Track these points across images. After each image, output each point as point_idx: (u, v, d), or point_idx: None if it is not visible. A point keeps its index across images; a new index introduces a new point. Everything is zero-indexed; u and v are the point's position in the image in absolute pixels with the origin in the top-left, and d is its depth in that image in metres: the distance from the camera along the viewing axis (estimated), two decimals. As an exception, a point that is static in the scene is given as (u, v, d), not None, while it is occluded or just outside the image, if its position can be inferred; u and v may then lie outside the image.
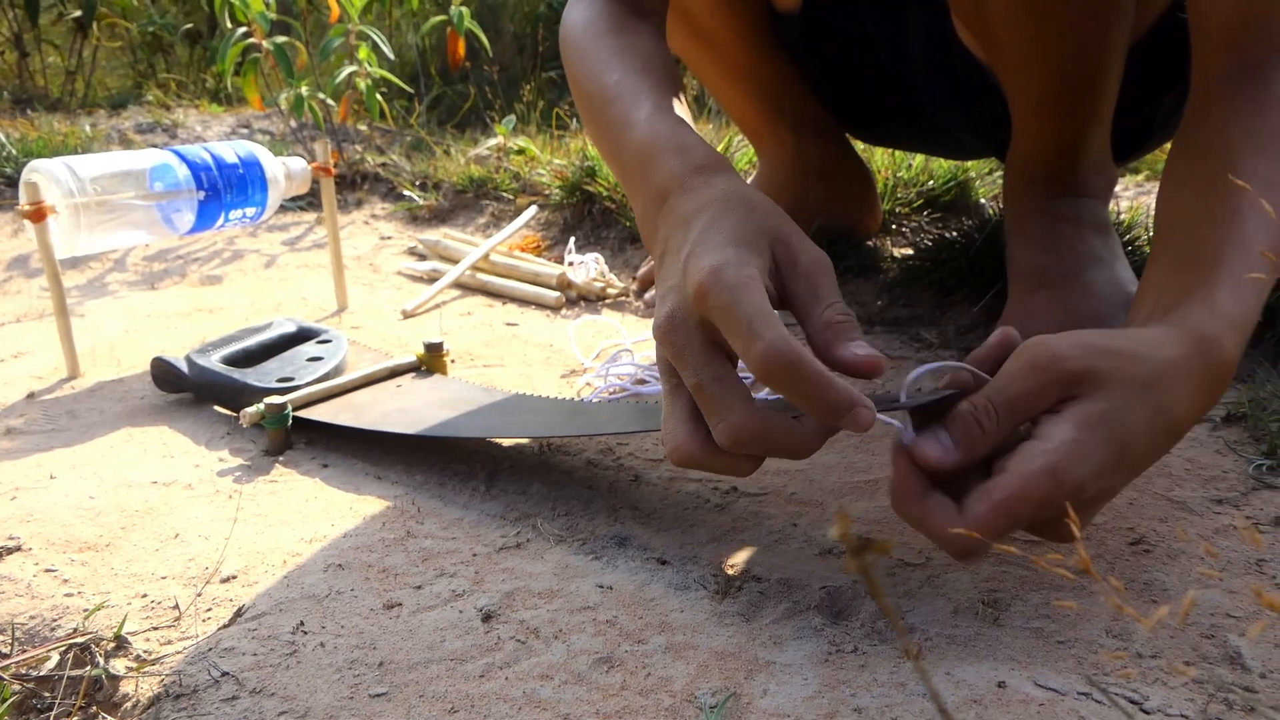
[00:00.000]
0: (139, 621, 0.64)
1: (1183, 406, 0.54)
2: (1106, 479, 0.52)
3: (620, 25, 0.82)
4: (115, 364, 1.13)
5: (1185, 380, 0.54)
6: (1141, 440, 0.53)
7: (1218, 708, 0.51)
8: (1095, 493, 0.52)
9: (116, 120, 2.53)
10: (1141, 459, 0.54)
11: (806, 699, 0.53)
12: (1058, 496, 0.50)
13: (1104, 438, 0.51)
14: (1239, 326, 0.57)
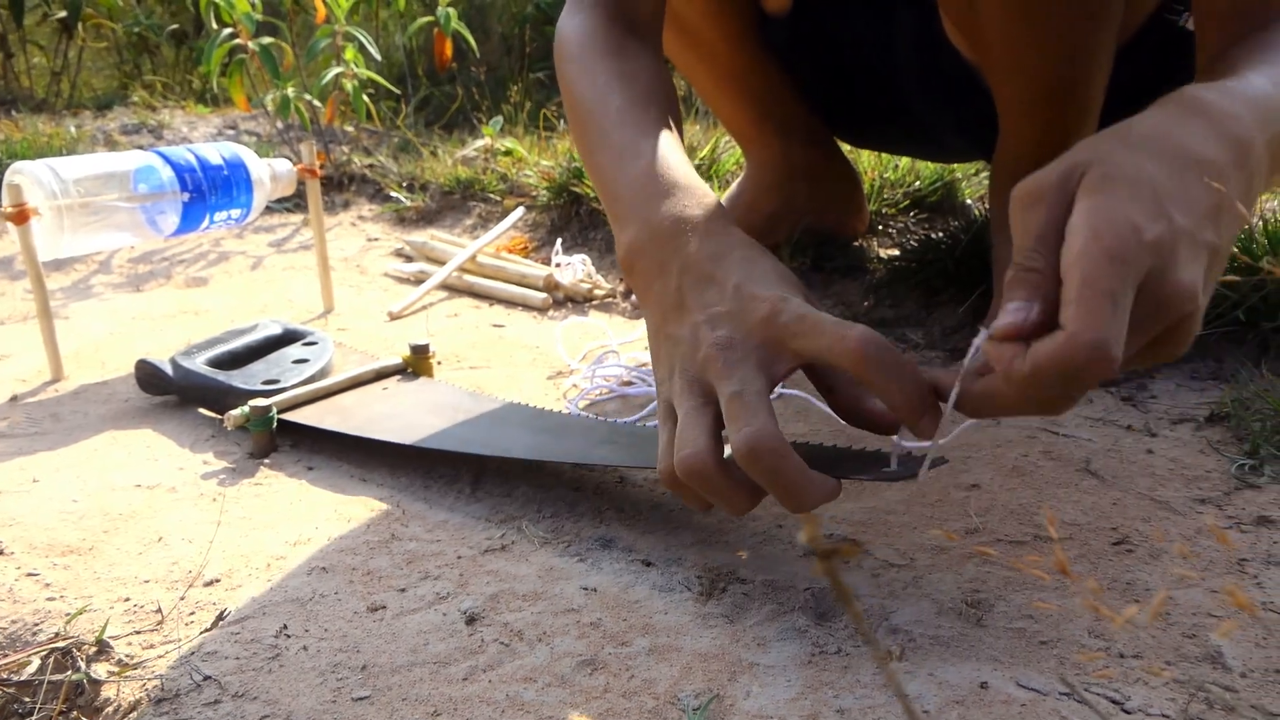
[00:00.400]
0: (121, 625, 0.64)
1: (1196, 142, 0.52)
2: (1153, 209, 0.48)
3: (620, 47, 0.82)
4: (99, 366, 1.12)
5: (1182, 125, 0.52)
6: (1161, 174, 0.50)
7: (1198, 707, 0.51)
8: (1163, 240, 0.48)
9: (102, 121, 2.52)
10: (1177, 189, 0.50)
11: (789, 700, 0.53)
12: (1123, 252, 0.47)
13: (1118, 185, 0.49)
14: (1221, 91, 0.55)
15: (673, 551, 0.70)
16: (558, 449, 0.79)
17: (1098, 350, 0.46)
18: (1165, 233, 0.48)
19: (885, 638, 0.58)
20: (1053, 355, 0.47)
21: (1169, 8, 0.89)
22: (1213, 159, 0.51)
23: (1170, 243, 0.48)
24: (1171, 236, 0.48)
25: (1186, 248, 0.49)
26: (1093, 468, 0.78)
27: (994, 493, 0.75)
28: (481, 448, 0.80)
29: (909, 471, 0.58)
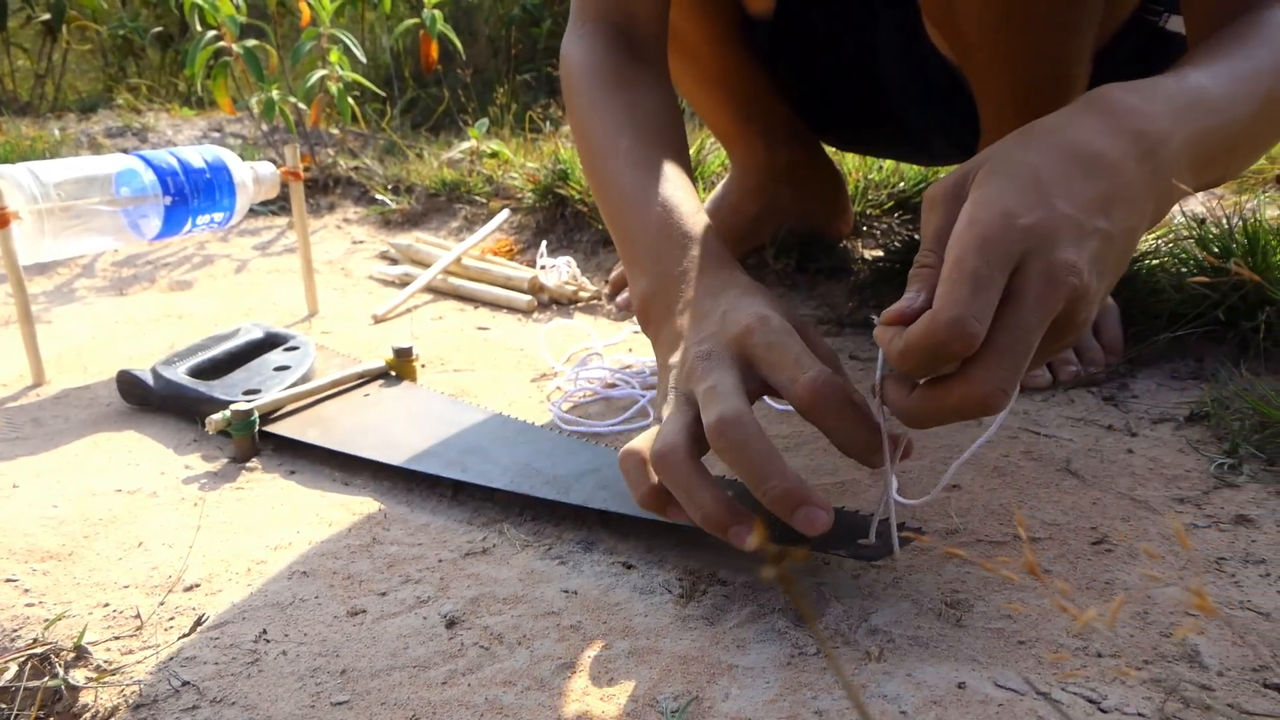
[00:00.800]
0: (100, 631, 0.63)
1: (1088, 137, 0.55)
2: (1033, 197, 0.52)
3: (625, 77, 0.84)
4: (82, 371, 1.12)
5: (1077, 121, 0.56)
6: (1051, 167, 0.53)
7: (1174, 706, 0.51)
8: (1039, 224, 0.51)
9: (86, 124, 2.51)
10: (1065, 180, 0.53)
11: (767, 702, 0.53)
12: (992, 235, 0.50)
13: (1001, 177, 0.53)
14: (1139, 87, 0.58)
15: (654, 554, 0.70)
16: (540, 480, 0.78)
17: (955, 325, 0.49)
18: (1043, 218, 0.51)
19: (865, 638, 0.58)
20: (917, 331, 0.51)
21: (1148, 8, 0.89)
22: (1104, 152, 0.54)
23: (1049, 227, 0.51)
24: (1051, 221, 0.51)
25: (1069, 231, 0.52)
26: (1073, 467, 0.79)
27: (975, 493, 0.75)
28: (463, 472, 0.80)
29: (886, 549, 0.61)
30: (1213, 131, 0.60)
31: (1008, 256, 0.50)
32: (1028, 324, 0.51)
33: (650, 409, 0.95)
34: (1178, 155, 0.57)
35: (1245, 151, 0.67)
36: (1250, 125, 0.63)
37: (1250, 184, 1.49)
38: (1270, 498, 0.73)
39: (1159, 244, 1.12)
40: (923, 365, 0.52)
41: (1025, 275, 0.51)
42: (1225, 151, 0.62)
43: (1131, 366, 0.97)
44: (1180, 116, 0.57)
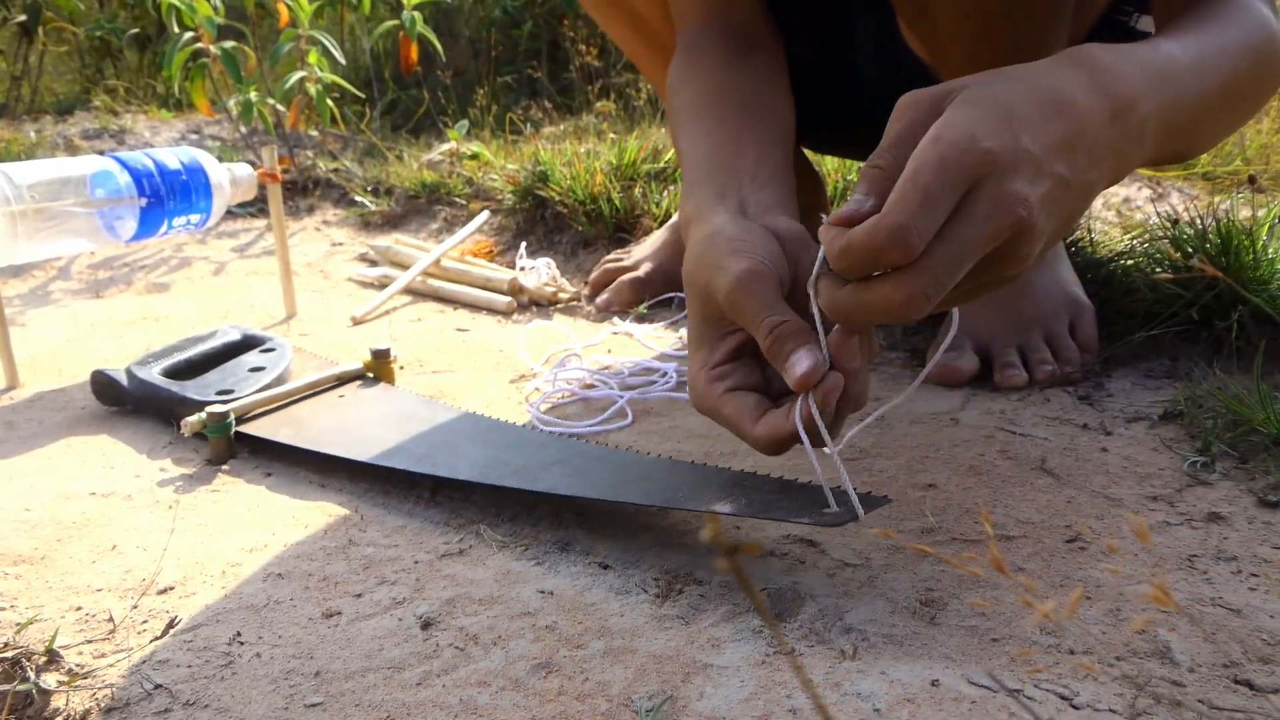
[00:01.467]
0: (72, 635, 0.63)
1: (1066, 85, 0.56)
2: (1000, 125, 0.53)
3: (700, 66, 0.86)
4: (56, 374, 1.11)
5: (1057, 70, 0.57)
6: (1024, 106, 0.54)
7: (1146, 702, 0.52)
8: (999, 151, 0.52)
9: (63, 126, 2.50)
10: (1036, 120, 0.54)
11: (742, 701, 0.53)
12: (952, 156, 0.51)
13: (975, 104, 0.54)
14: (1119, 52, 0.59)
15: (631, 554, 0.70)
16: (507, 470, 0.78)
17: (897, 231, 0.51)
18: (1005, 146, 0.52)
19: (839, 637, 0.59)
20: (860, 232, 0.52)
21: (1119, 9, 0.90)
22: (1080, 103, 0.56)
23: (1009, 157, 0.52)
24: (1012, 152, 0.52)
25: (1027, 166, 0.53)
26: (1048, 466, 0.79)
27: (950, 492, 0.76)
28: (433, 466, 0.80)
29: (849, 515, 0.60)
30: (1180, 103, 0.62)
31: (962, 178, 0.52)
32: (965, 240, 0.52)
33: (628, 410, 0.95)
34: (1145, 121, 0.58)
35: (1209, 128, 0.69)
36: (1214, 101, 0.65)
37: (1225, 185, 1.50)
38: (1242, 495, 0.73)
39: (1134, 244, 1.13)
40: (858, 266, 0.53)
41: (975, 197, 0.52)
42: (1190, 124, 0.64)
43: (1107, 366, 0.97)
44: (1152, 84, 0.59)
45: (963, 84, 0.56)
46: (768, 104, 0.82)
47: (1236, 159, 1.58)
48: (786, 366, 0.59)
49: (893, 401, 0.65)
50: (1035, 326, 0.97)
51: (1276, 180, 1.49)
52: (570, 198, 1.53)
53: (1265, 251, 0.96)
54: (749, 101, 0.81)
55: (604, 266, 1.36)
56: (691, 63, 0.87)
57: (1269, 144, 1.62)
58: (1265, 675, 0.53)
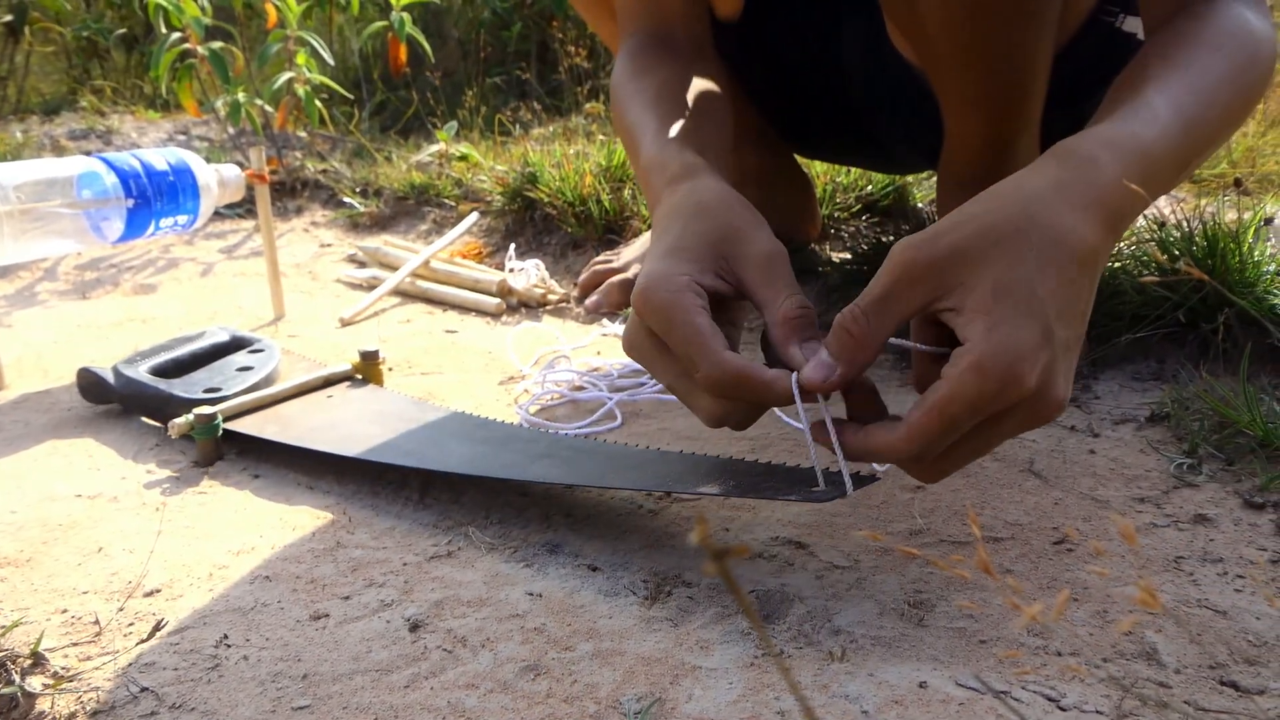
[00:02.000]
0: (58, 637, 0.63)
1: (1074, 228, 0.53)
2: (1040, 341, 0.50)
3: (645, 67, 0.87)
4: (42, 375, 1.11)
5: (1062, 201, 0.53)
6: (1050, 283, 0.51)
7: (1132, 703, 0.52)
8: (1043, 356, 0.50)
9: (49, 126, 2.49)
10: (1064, 299, 0.52)
11: (730, 703, 0.53)
12: (992, 391, 0.50)
13: (1010, 308, 0.50)
14: (1117, 144, 0.56)
15: (619, 556, 0.70)
16: (496, 463, 0.78)
17: (911, 460, 0.54)
18: (1044, 370, 0.51)
19: (828, 639, 0.59)
20: (877, 445, 0.54)
21: (1105, 9, 0.91)
22: (1090, 243, 0.53)
23: (1049, 372, 0.51)
24: (1053, 367, 0.51)
25: (1064, 365, 0.53)
26: (1036, 468, 0.79)
27: (938, 494, 0.76)
28: (420, 461, 0.80)
29: (838, 491, 0.59)
30: (1173, 164, 0.60)
31: (997, 404, 0.51)
32: (994, 443, 0.54)
33: (617, 412, 0.95)
34: (1135, 211, 0.57)
35: (1195, 166, 0.68)
36: (1207, 141, 0.64)
37: (1211, 188, 1.51)
38: (1228, 497, 0.73)
39: (1121, 247, 1.13)
40: (868, 458, 0.56)
41: (1014, 413, 0.52)
42: (1176, 171, 0.62)
43: (1094, 368, 0.98)
44: (1148, 176, 0.57)
45: (969, 259, 0.52)
46: (717, 100, 0.83)
47: (1223, 162, 1.58)
48: (794, 352, 0.58)
49: None
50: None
51: (1262, 183, 1.50)
52: (559, 199, 1.53)
53: (1251, 254, 0.96)
54: (700, 96, 0.82)
55: (593, 268, 1.36)
56: (644, 62, 0.87)
57: (1255, 147, 1.63)
58: (1251, 677, 0.54)
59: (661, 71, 0.86)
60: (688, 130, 0.77)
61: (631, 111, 0.82)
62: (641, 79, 0.85)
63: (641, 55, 0.89)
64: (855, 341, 0.54)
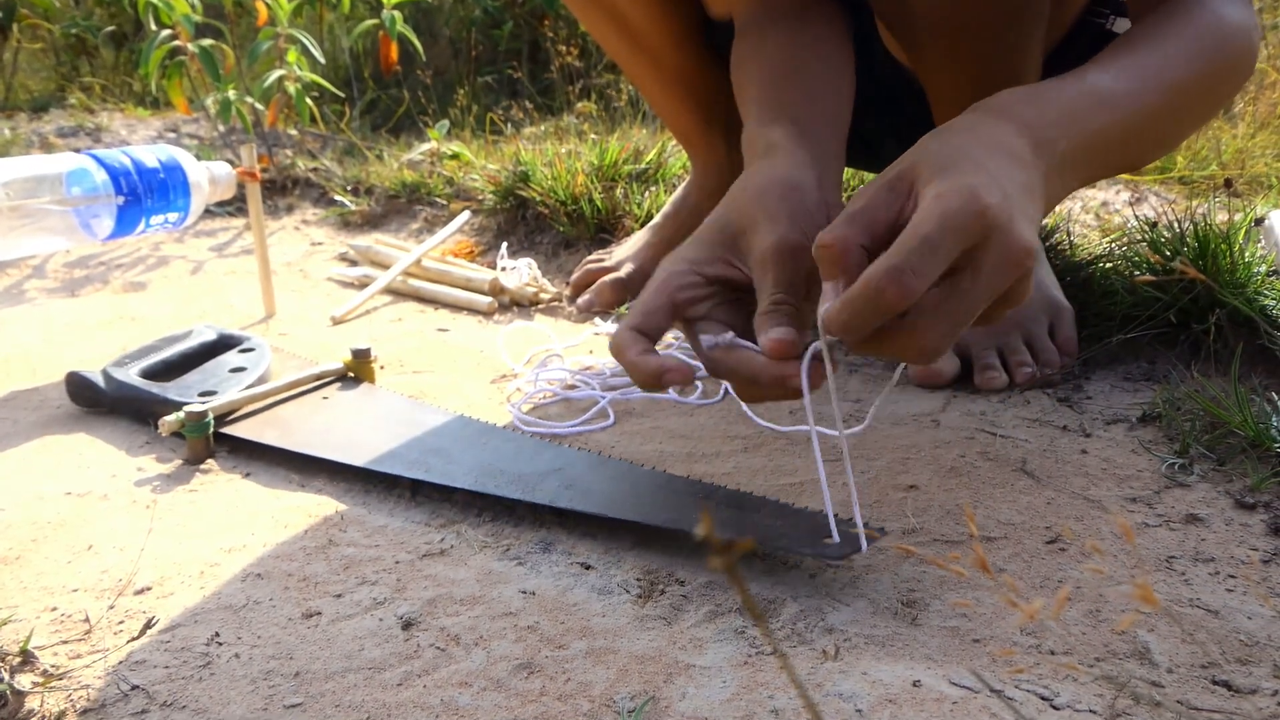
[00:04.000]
0: (47, 635, 0.62)
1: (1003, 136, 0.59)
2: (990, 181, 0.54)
3: (753, 47, 0.88)
4: (31, 373, 1.10)
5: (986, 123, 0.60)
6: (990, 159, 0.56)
7: (1125, 702, 0.52)
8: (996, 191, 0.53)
9: (38, 124, 2.47)
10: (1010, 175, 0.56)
11: (724, 701, 0.53)
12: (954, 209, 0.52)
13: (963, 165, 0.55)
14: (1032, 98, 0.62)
15: (612, 554, 0.70)
16: (504, 479, 0.77)
17: (891, 273, 0.51)
18: (1001, 202, 0.54)
19: (821, 637, 0.59)
20: (856, 284, 0.53)
21: (1095, 11, 0.91)
22: (1018, 149, 0.58)
23: (1007, 212, 0.54)
24: (1008, 207, 0.54)
25: (1022, 216, 0.55)
26: (1028, 468, 0.79)
27: (932, 493, 0.76)
28: (424, 472, 0.79)
29: (852, 547, 0.62)
30: (1109, 127, 0.64)
31: (965, 232, 0.52)
32: (977, 295, 0.54)
33: (610, 411, 0.95)
34: (1065, 158, 0.61)
35: (1154, 139, 0.71)
36: (1154, 115, 0.67)
37: (1201, 189, 1.51)
38: (1220, 497, 0.74)
39: (1112, 247, 1.13)
40: (860, 317, 0.54)
41: (985, 251, 0.53)
42: (1128, 140, 0.66)
43: (1086, 368, 0.98)
44: (1067, 123, 0.62)
45: (917, 157, 0.57)
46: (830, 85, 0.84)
47: (1213, 163, 1.59)
48: (768, 334, 0.60)
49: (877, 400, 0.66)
50: (1015, 329, 0.98)
51: (1252, 185, 1.50)
52: (551, 198, 1.53)
53: (1242, 255, 0.96)
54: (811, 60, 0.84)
55: (585, 267, 1.36)
56: (750, 43, 0.88)
57: (1244, 148, 1.64)
58: (1243, 676, 0.54)
59: (767, 47, 0.86)
60: (782, 103, 0.78)
61: (742, 92, 0.84)
62: (750, 61, 0.86)
63: (752, 31, 0.89)
64: (829, 251, 0.55)
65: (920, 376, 0.96)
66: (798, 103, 0.78)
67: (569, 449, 0.82)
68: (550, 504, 0.73)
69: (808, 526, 0.66)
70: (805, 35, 0.86)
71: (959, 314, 0.54)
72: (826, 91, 0.82)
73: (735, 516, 0.69)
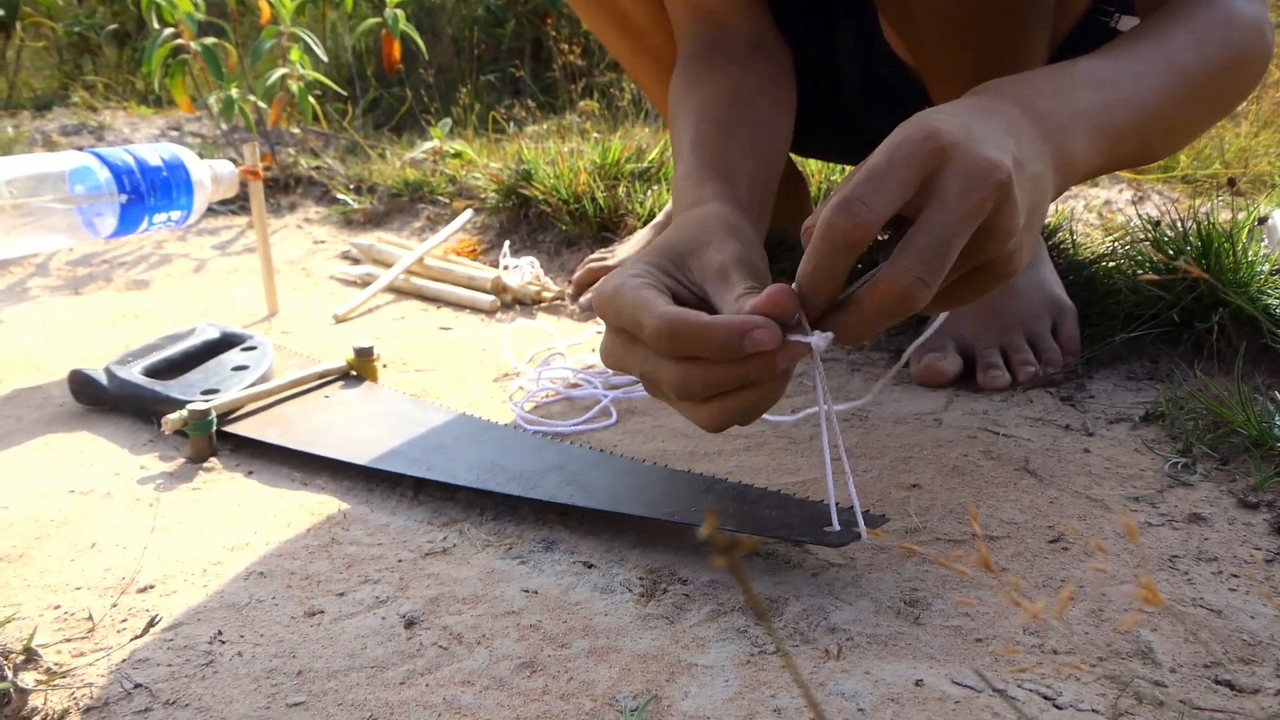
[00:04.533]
0: (51, 633, 0.62)
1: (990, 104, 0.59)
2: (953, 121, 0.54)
3: (690, 82, 0.87)
4: (34, 371, 1.10)
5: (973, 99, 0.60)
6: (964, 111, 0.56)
7: (1128, 702, 0.52)
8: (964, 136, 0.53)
9: (41, 122, 2.48)
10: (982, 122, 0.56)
11: (726, 700, 0.53)
12: (899, 138, 0.52)
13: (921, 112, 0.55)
14: (1023, 79, 0.62)
15: (615, 553, 0.70)
16: (506, 476, 0.77)
17: (841, 205, 0.51)
18: (956, 127, 0.53)
19: (824, 636, 0.59)
20: (816, 233, 0.53)
21: (1100, 9, 0.91)
22: (1006, 114, 0.58)
23: (964, 134, 0.53)
24: (968, 131, 0.54)
25: (989, 140, 0.54)
26: (1031, 467, 0.79)
27: (934, 492, 0.76)
28: (426, 470, 0.79)
29: (851, 536, 0.61)
30: (1113, 105, 0.64)
31: (916, 157, 0.52)
32: (947, 220, 0.52)
33: (612, 409, 0.95)
34: (1068, 127, 0.60)
35: (1161, 125, 0.69)
36: (1158, 99, 0.67)
37: (1205, 187, 1.51)
38: (1223, 496, 0.74)
39: (1115, 246, 1.13)
40: (823, 261, 0.53)
41: (945, 174, 0.52)
42: (1136, 126, 0.65)
43: (1089, 367, 0.98)
44: (1063, 95, 0.61)
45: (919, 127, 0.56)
46: (765, 115, 0.83)
47: (1216, 162, 1.59)
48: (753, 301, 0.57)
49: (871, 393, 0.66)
50: (1017, 327, 0.98)
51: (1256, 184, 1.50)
52: (554, 197, 1.53)
53: (1245, 254, 0.96)
54: (749, 111, 0.82)
55: (588, 266, 1.36)
56: (694, 74, 0.87)
57: (1248, 147, 1.64)
58: (1246, 675, 0.54)
59: (705, 86, 0.85)
60: (714, 157, 0.77)
61: (675, 132, 0.83)
62: (688, 96, 0.85)
63: (692, 67, 0.89)
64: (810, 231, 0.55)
65: (923, 375, 0.96)
66: (733, 161, 0.77)
67: (571, 446, 0.82)
68: (552, 500, 0.73)
69: (808, 516, 0.65)
70: (751, 79, 0.86)
71: (932, 248, 0.52)
72: (762, 145, 0.81)
73: (736, 508, 0.68)
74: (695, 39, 0.91)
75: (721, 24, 0.90)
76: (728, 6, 0.90)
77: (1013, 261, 0.56)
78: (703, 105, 0.82)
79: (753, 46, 0.89)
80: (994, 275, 0.57)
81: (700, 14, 0.90)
